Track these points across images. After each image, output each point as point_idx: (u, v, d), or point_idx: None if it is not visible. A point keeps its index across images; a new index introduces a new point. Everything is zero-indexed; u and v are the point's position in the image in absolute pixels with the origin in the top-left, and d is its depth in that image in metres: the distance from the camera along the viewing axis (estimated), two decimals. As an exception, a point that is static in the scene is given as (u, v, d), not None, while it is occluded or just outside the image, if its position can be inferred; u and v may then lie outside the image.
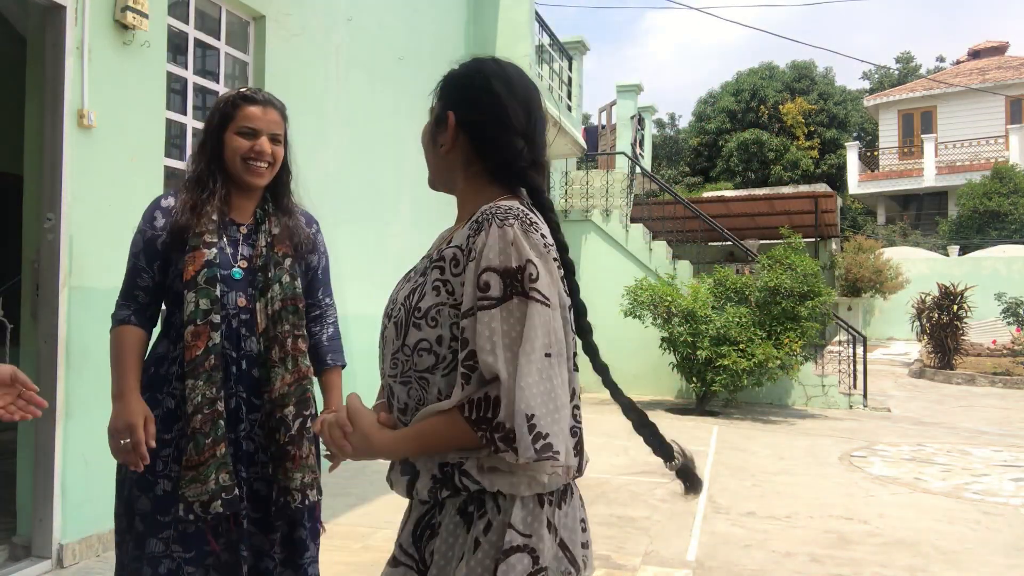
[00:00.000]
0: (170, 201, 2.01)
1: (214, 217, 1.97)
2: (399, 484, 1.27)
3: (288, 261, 2.03)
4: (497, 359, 1.12)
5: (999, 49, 27.94)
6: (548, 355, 1.14)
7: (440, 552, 1.21)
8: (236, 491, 1.87)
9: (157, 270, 1.99)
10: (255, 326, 1.96)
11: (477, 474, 1.17)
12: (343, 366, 2.20)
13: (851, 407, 9.99)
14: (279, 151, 2.05)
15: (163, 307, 2.04)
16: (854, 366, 10.50)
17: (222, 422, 1.87)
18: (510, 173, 1.32)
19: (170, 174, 4.25)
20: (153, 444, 1.91)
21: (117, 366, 1.95)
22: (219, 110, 2.02)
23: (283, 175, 2.11)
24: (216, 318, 1.90)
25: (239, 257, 1.99)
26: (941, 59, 39.52)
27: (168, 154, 4.19)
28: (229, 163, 2.00)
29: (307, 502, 1.96)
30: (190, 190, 2.00)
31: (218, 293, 1.92)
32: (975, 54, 28.32)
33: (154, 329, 2.06)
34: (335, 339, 2.19)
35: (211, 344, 1.88)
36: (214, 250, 1.94)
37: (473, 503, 1.20)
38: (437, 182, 1.41)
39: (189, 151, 4.44)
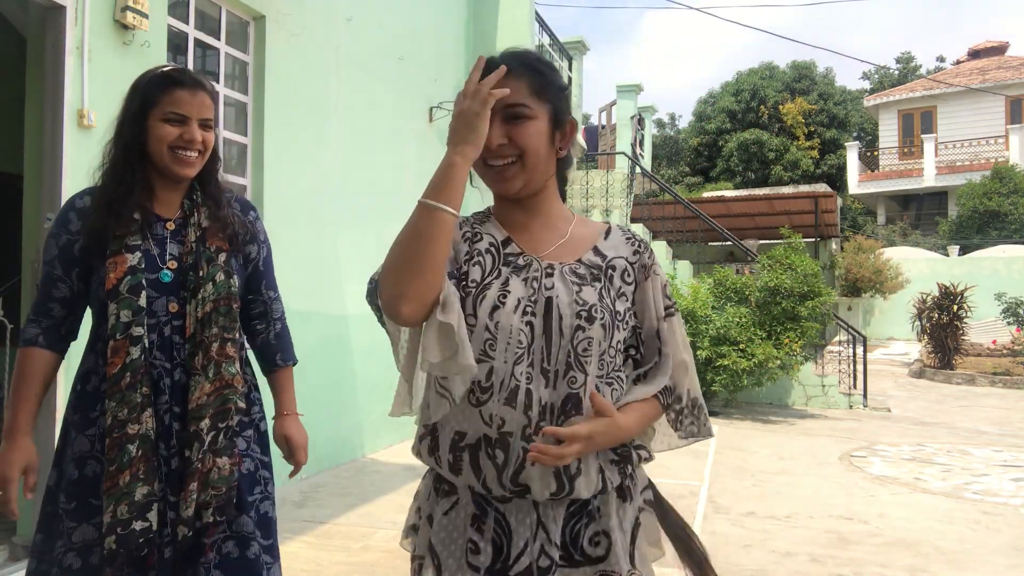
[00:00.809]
0: (85, 200, 1.79)
1: (136, 215, 1.75)
2: (588, 484, 1.26)
3: (223, 256, 1.81)
4: (687, 355, 1.40)
5: (999, 49, 27.94)
6: None
7: (614, 530, 1.29)
8: (136, 524, 1.65)
9: (76, 278, 1.77)
10: (186, 331, 1.76)
11: (646, 444, 1.40)
12: (294, 363, 2.04)
13: (851, 407, 9.99)
14: (210, 138, 1.82)
15: (88, 317, 1.86)
16: (854, 366, 10.50)
17: (131, 447, 1.66)
18: (563, 178, 1.45)
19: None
20: (31, 496, 1.77)
21: (12, 397, 1.76)
22: (140, 93, 1.78)
23: (212, 163, 1.87)
24: (138, 331, 1.70)
25: (167, 257, 1.77)
26: (941, 59, 39.53)
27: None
28: (154, 153, 1.76)
29: (198, 524, 1.71)
30: (104, 186, 1.78)
31: (143, 302, 1.71)
32: (975, 54, 28.32)
33: (73, 343, 1.88)
34: (283, 336, 2.01)
35: (129, 360, 1.68)
36: (138, 254, 1.73)
37: (628, 478, 1.34)
38: (531, 186, 1.34)
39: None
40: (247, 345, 2.00)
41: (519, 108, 1.27)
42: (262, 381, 2.02)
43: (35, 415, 1.78)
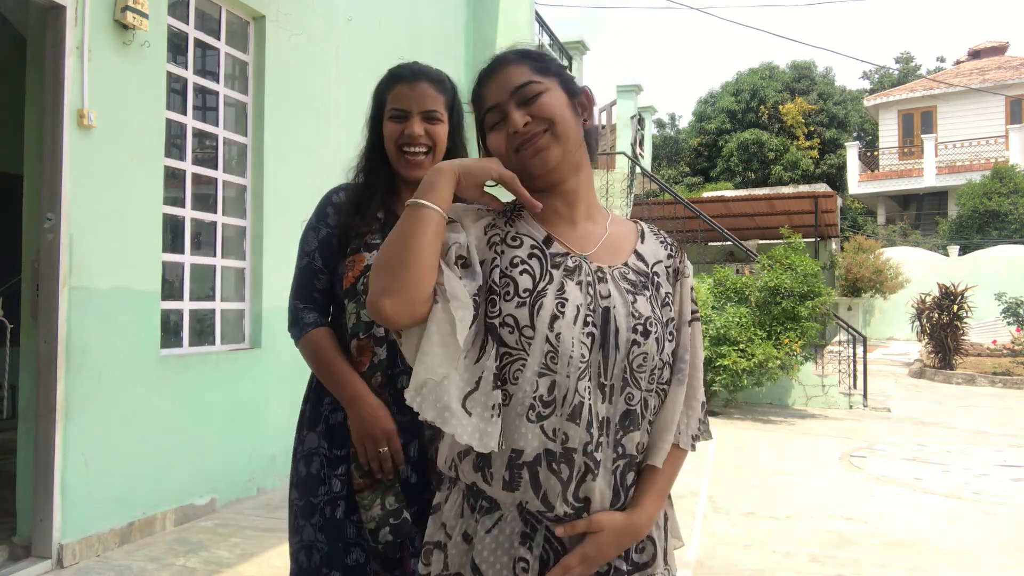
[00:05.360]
0: (341, 196, 1.83)
1: (379, 215, 1.76)
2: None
3: None
4: (699, 370, 1.33)
5: (999, 49, 27.94)
6: None
7: (654, 534, 1.31)
8: (406, 514, 1.66)
9: (333, 271, 1.79)
10: None
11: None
12: None
13: (851, 407, 9.99)
14: (437, 131, 1.75)
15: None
16: (854, 366, 10.50)
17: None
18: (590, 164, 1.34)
19: (170, 174, 4.25)
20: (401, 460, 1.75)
21: (333, 371, 1.72)
22: (376, 94, 1.82)
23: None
24: (380, 331, 1.69)
25: None
26: (941, 59, 39.61)
27: (168, 154, 4.19)
28: (389, 154, 1.78)
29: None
30: (356, 185, 1.83)
31: None
32: (975, 54, 28.32)
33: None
34: None
35: (376, 360, 1.69)
36: (376, 253, 1.72)
37: None
38: (563, 167, 1.27)
39: (190, 151, 4.44)
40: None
41: (529, 86, 1.25)
42: None
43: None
